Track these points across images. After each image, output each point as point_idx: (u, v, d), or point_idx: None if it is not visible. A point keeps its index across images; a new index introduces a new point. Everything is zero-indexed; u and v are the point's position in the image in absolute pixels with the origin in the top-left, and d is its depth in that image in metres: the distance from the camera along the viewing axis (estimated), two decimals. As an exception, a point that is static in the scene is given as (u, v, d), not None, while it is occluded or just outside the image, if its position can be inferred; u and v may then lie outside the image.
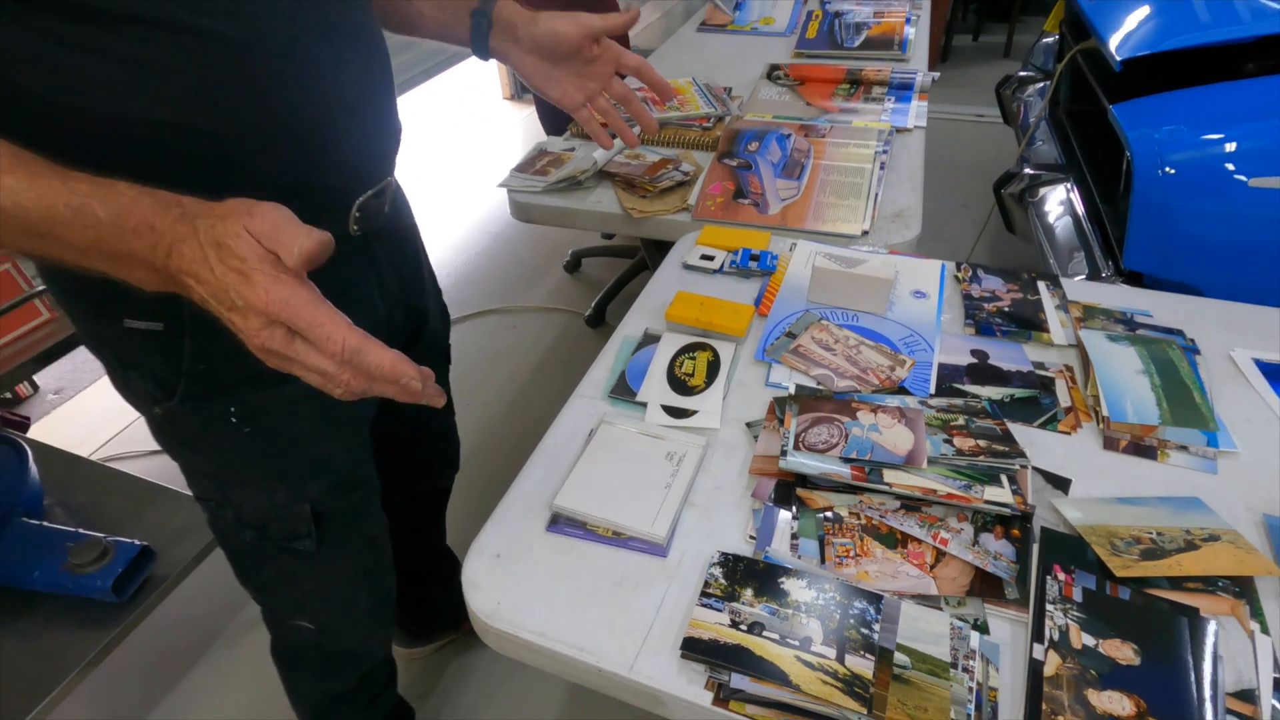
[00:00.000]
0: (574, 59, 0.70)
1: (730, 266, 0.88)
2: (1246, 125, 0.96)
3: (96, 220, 0.39)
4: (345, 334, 0.38)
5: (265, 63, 0.48)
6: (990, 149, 2.76)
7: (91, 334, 0.59)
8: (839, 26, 1.67)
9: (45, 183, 0.39)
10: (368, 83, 0.58)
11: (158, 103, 0.45)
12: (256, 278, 0.37)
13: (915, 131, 1.22)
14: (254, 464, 0.64)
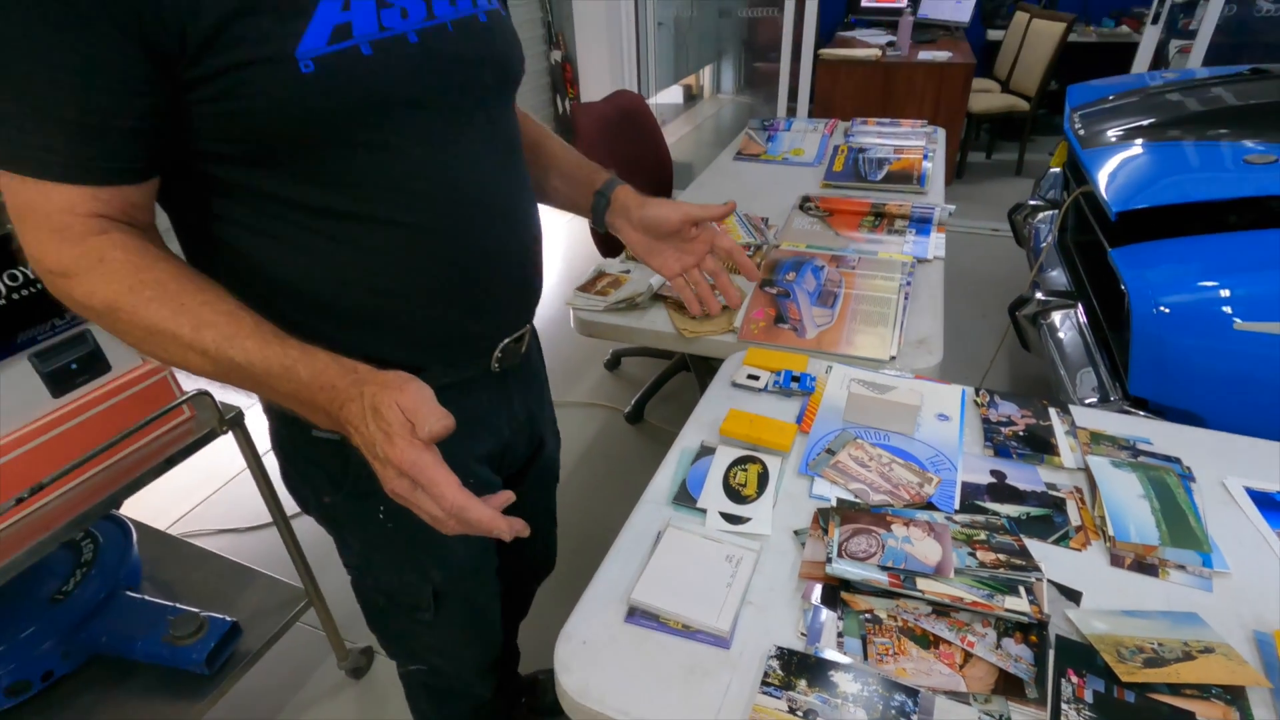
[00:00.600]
0: (675, 237, 0.85)
1: (774, 386, 1.00)
2: (1233, 275, 1.09)
3: (299, 378, 0.53)
4: (454, 494, 0.50)
5: (449, 244, 0.63)
6: (1005, 263, 2.93)
7: (284, 437, 0.73)
8: (863, 161, 1.86)
9: (271, 346, 0.52)
10: (524, 254, 0.73)
11: (367, 274, 0.60)
12: (396, 440, 0.49)
13: (935, 262, 1.37)
14: (392, 551, 0.78)
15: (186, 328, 0.51)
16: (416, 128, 0.59)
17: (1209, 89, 1.75)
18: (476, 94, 0.64)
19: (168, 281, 0.52)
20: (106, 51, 0.47)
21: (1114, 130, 1.61)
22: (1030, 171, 4.00)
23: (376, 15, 0.55)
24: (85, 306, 0.53)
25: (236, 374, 0.53)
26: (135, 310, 0.51)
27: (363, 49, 0.54)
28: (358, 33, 0.54)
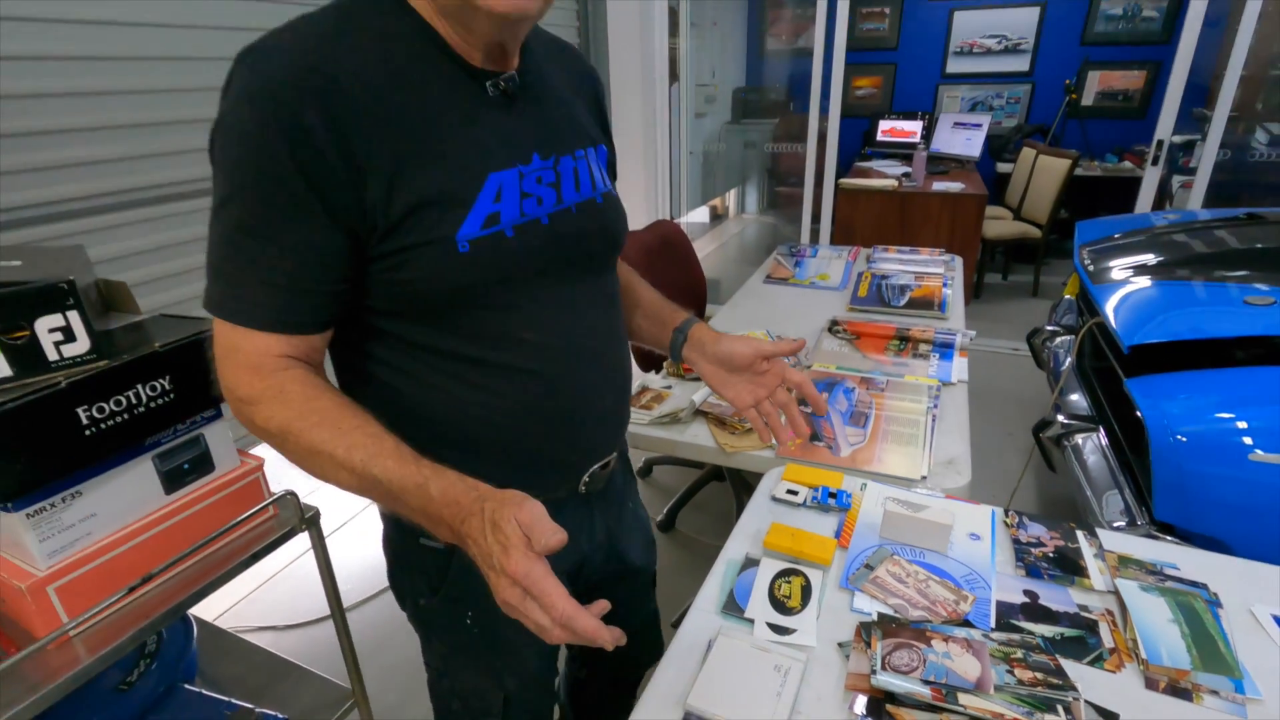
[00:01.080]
0: (747, 371, 0.94)
1: (812, 501, 1.07)
2: (1247, 407, 1.16)
3: (429, 494, 0.59)
4: (564, 604, 0.54)
5: (554, 387, 0.75)
6: (1027, 382, 3.00)
7: (395, 542, 0.83)
8: (886, 288, 2.00)
9: (407, 466, 0.61)
10: (615, 394, 0.85)
11: (483, 408, 0.72)
12: (512, 552, 0.54)
13: (959, 386, 1.46)
14: (472, 656, 0.85)
15: (340, 449, 0.61)
16: (539, 291, 0.72)
17: (1210, 231, 1.88)
18: (589, 262, 0.78)
19: (330, 410, 0.63)
20: (319, 236, 0.61)
21: (1122, 267, 1.73)
22: (1045, 293, 4.15)
23: (519, 205, 0.69)
24: (262, 429, 0.63)
25: (377, 489, 0.61)
26: (302, 434, 0.62)
27: (506, 232, 0.67)
28: (504, 220, 0.67)
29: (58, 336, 0.79)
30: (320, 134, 0.58)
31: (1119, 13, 4.55)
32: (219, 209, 0.61)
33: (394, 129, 0.62)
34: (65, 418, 0.79)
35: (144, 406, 0.86)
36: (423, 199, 0.62)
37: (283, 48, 0.60)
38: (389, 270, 0.64)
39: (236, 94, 0.59)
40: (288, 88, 0.58)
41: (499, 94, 0.69)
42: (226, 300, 0.62)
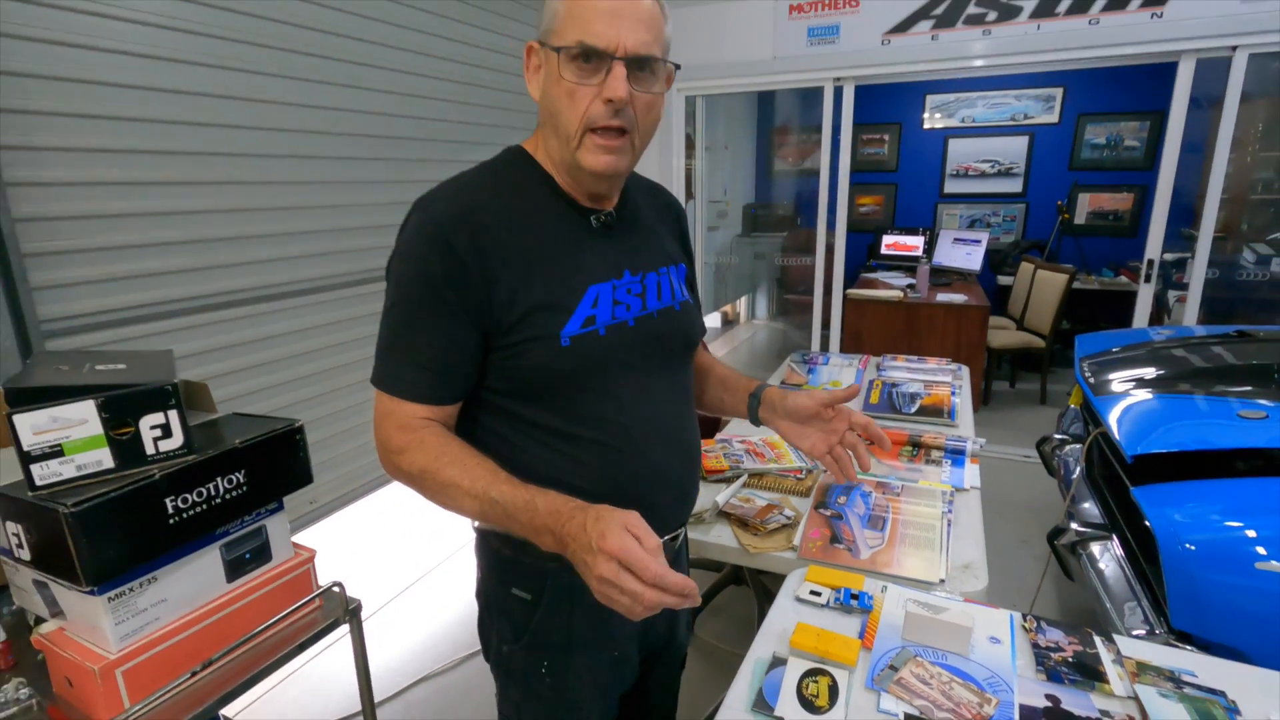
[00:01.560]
0: (816, 420, 1.08)
1: (835, 602, 1.10)
2: (1251, 517, 1.21)
3: (536, 508, 0.75)
4: (656, 566, 0.67)
5: (633, 461, 0.89)
6: (1040, 489, 3.01)
7: (489, 589, 0.97)
8: (896, 395, 2.08)
9: (518, 488, 0.77)
10: (686, 472, 0.98)
11: (570, 475, 0.86)
12: (610, 533, 0.68)
13: (971, 492, 1.51)
14: (542, 706, 0.94)
15: (466, 481, 0.78)
16: (624, 380, 0.88)
17: (1204, 347, 1.98)
18: (668, 358, 0.95)
19: (458, 453, 0.81)
20: (460, 330, 0.82)
21: (1122, 379, 1.82)
22: (1053, 401, 4.22)
23: (612, 310, 0.88)
24: (406, 472, 0.81)
25: (495, 510, 0.77)
26: (437, 472, 0.79)
27: (600, 331, 0.86)
28: (599, 321, 0.86)
29: (157, 433, 0.88)
30: (467, 256, 0.80)
31: (1102, 142, 4.89)
32: (388, 311, 0.84)
33: (519, 252, 0.83)
34: (155, 507, 0.87)
35: (220, 498, 0.94)
36: (536, 304, 0.82)
37: (446, 196, 0.84)
38: (507, 359, 0.83)
39: (411, 229, 0.83)
40: (447, 223, 0.80)
41: (600, 225, 0.90)
42: (388, 378, 0.84)
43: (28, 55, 1.42)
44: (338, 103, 2.11)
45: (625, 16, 0.78)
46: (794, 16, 3.30)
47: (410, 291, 0.82)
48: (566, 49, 0.79)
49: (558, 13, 0.82)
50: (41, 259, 1.49)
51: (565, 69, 0.80)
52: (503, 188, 0.87)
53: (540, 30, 0.85)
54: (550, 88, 0.83)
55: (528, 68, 0.87)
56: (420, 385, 0.83)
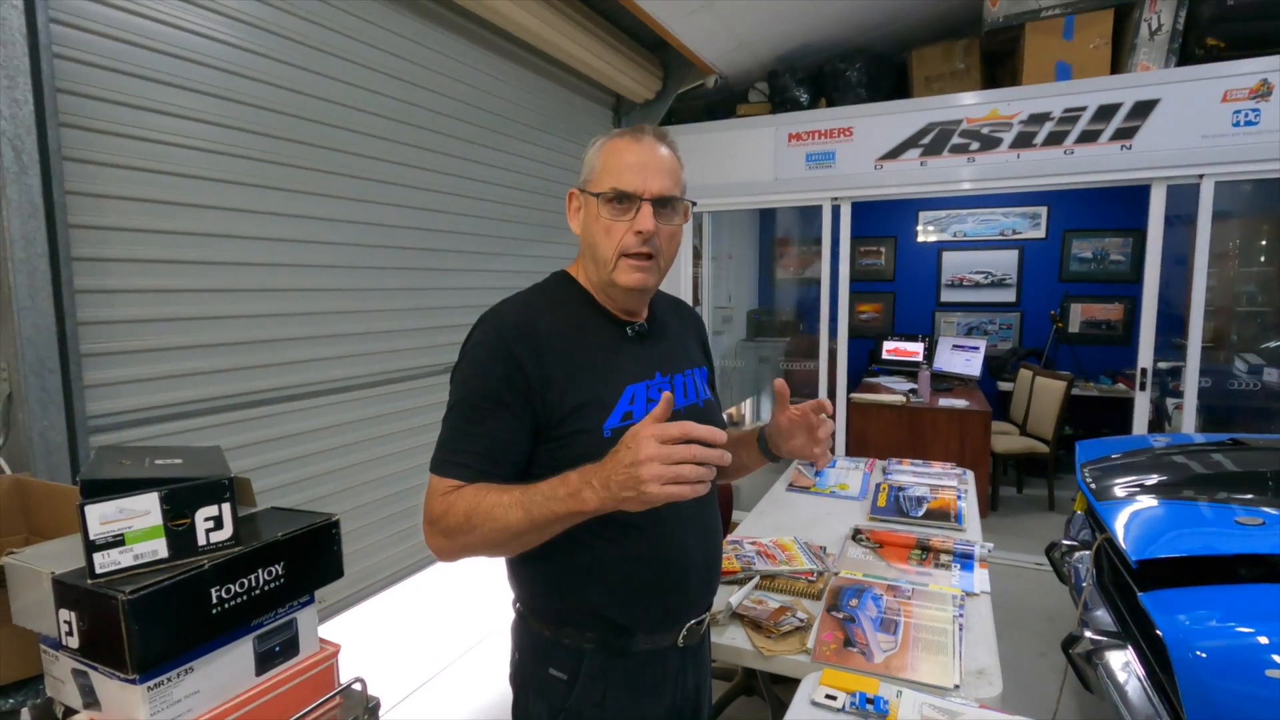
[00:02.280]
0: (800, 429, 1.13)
1: (850, 707, 1.11)
2: (1260, 623, 1.23)
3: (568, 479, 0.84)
4: (681, 424, 0.78)
5: (665, 546, 1.00)
6: (1052, 597, 2.96)
7: (525, 672, 1.04)
8: (903, 499, 2.12)
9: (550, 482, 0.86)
10: (710, 553, 1.08)
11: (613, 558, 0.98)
12: (640, 433, 0.78)
13: (982, 596, 1.52)
14: None
15: (506, 496, 0.88)
16: None
17: (1203, 454, 2.04)
18: None
19: (492, 487, 0.91)
20: (515, 423, 0.94)
21: (1124, 485, 1.87)
22: (1061, 507, 4.20)
23: (646, 407, 0.99)
24: (453, 529, 0.90)
25: (536, 500, 0.86)
26: (479, 504, 0.89)
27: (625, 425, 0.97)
28: (635, 416, 0.98)
29: (209, 524, 0.94)
30: (528, 360, 0.94)
31: (1089, 256, 5.14)
32: (451, 409, 0.96)
33: (569, 358, 0.97)
34: (202, 597, 0.91)
35: (260, 589, 0.98)
36: (582, 401, 0.95)
37: (506, 312, 0.99)
38: (555, 449, 0.95)
39: (477, 341, 0.97)
40: (510, 334, 0.95)
41: (635, 335, 1.05)
42: (444, 463, 0.95)
43: (100, 178, 1.58)
44: (368, 217, 2.29)
45: (650, 167, 0.98)
46: (793, 144, 3.59)
47: (473, 391, 0.94)
48: (604, 194, 0.99)
49: (595, 166, 1.02)
50: (96, 359, 1.59)
51: (603, 209, 0.99)
52: (553, 304, 1.02)
53: (580, 179, 1.05)
54: (590, 224, 1.01)
55: (569, 209, 1.06)
56: (470, 468, 0.93)
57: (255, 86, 1.86)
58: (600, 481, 0.81)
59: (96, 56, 1.55)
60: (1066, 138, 3.08)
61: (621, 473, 0.79)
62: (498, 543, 0.91)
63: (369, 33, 2.23)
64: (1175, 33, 2.95)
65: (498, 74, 2.89)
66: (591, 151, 1.05)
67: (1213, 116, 2.84)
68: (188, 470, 1.00)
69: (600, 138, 1.04)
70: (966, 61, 3.44)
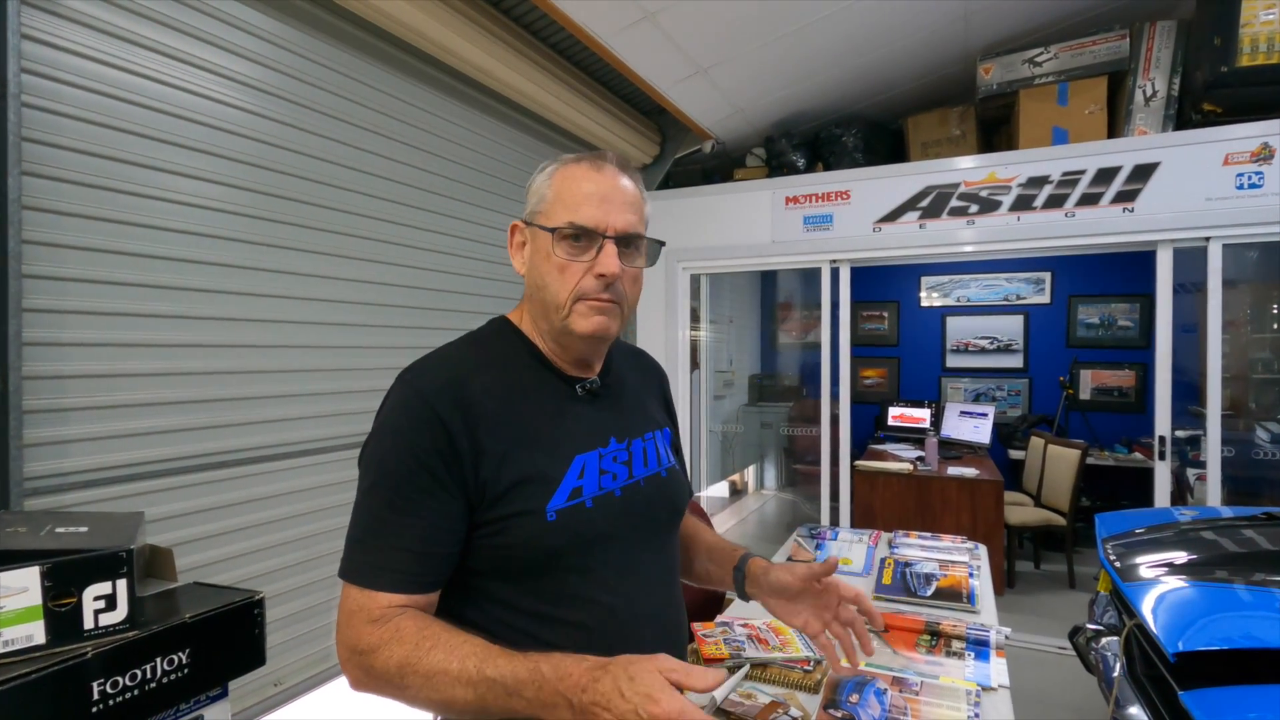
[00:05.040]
0: (806, 595, 0.99)
1: (849, 831, 0.95)
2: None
3: (543, 676, 0.67)
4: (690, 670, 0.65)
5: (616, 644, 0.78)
6: (1081, 687, 2.73)
7: None
8: (910, 576, 1.95)
9: (516, 659, 0.70)
10: (672, 647, 0.88)
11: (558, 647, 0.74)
12: (661, 697, 0.61)
13: (1001, 692, 1.35)
14: None
15: (455, 663, 0.70)
16: (610, 555, 0.85)
17: (1235, 530, 1.88)
18: (654, 527, 0.91)
19: (441, 634, 0.73)
20: (447, 505, 0.77)
21: (1151, 564, 1.71)
22: (1082, 585, 3.96)
23: (599, 480, 0.84)
24: (380, 673, 0.72)
25: (493, 691, 0.69)
26: (419, 661, 0.71)
27: (586, 504, 0.83)
28: (585, 493, 0.83)
29: (100, 604, 0.82)
30: (456, 427, 0.78)
31: (1096, 321, 5.05)
32: (365, 494, 0.78)
33: (506, 424, 0.81)
34: (79, 692, 0.78)
35: (156, 682, 0.85)
36: (522, 476, 0.80)
37: (430, 368, 0.83)
38: (490, 535, 0.79)
39: (394, 404, 0.81)
40: (434, 395, 0.79)
41: (585, 393, 0.90)
42: (363, 568, 0.76)
43: (63, 227, 1.53)
44: (354, 274, 2.24)
45: (613, 200, 0.85)
46: (790, 207, 3.57)
47: (393, 468, 0.77)
48: (559, 229, 0.83)
49: (545, 196, 0.86)
50: (40, 415, 1.50)
51: (557, 247, 0.84)
52: (487, 358, 0.87)
53: (526, 211, 0.90)
54: (540, 263, 0.86)
55: (511, 244, 0.91)
56: (401, 572, 0.76)
57: (226, 139, 1.84)
58: (579, 711, 0.65)
59: (67, 106, 1.52)
60: (1067, 200, 3.05)
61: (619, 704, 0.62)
62: (430, 712, 0.76)
63: (355, 90, 2.23)
64: (1171, 99, 2.95)
65: (493, 136, 2.90)
66: (540, 178, 0.89)
67: (1216, 179, 2.80)
68: (92, 540, 0.89)
69: (550, 163, 0.89)
70: (963, 128, 3.46)
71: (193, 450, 1.77)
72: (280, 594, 1.97)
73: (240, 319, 1.88)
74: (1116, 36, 3.01)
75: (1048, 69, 3.13)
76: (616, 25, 2.57)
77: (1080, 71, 3.08)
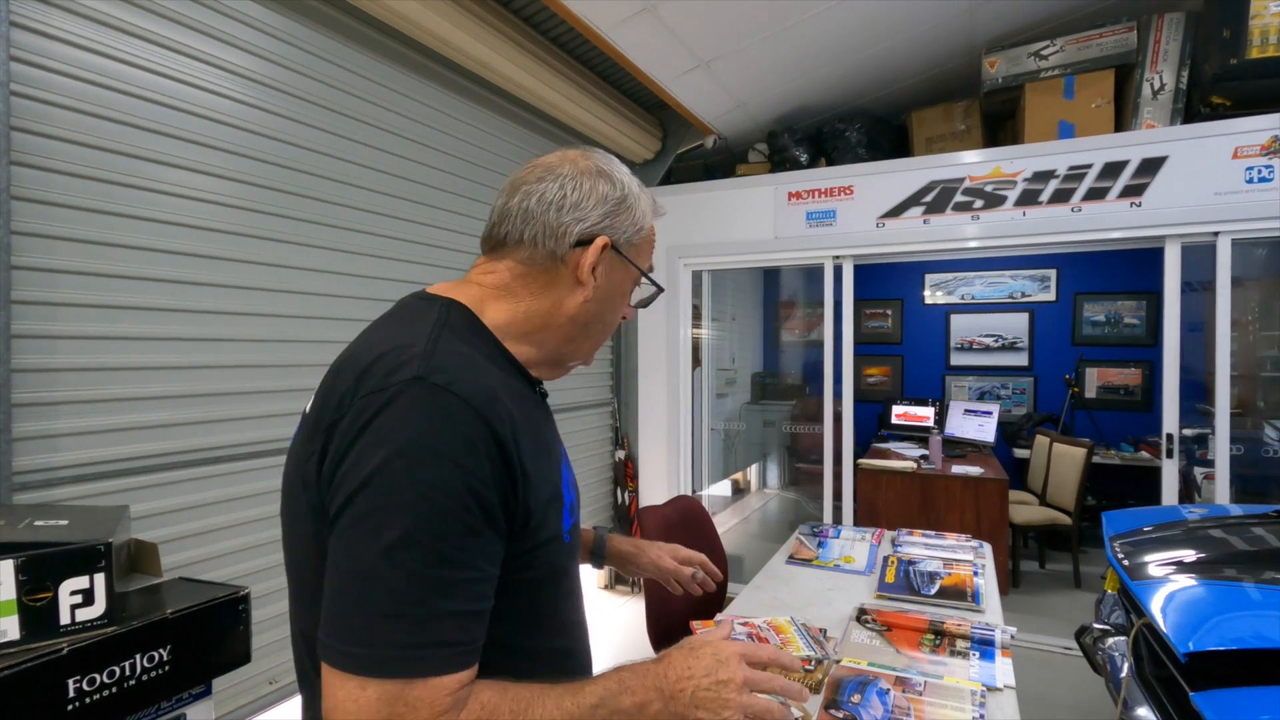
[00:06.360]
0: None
1: (851, 835, 0.92)
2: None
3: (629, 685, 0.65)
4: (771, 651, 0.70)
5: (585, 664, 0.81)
6: (1088, 688, 2.69)
7: None
8: (914, 574, 1.92)
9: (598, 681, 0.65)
10: None
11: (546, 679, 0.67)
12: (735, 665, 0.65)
13: (1006, 692, 1.32)
14: None
15: (556, 712, 0.61)
16: (574, 576, 0.80)
17: (1245, 528, 1.84)
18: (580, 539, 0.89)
19: (518, 691, 0.62)
20: (494, 546, 0.62)
21: (1160, 563, 1.67)
22: (1088, 584, 3.92)
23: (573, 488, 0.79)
24: None
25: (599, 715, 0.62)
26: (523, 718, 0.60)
27: (577, 518, 0.78)
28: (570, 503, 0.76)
29: (77, 599, 0.80)
30: (510, 446, 0.63)
31: (1102, 319, 5.01)
32: (398, 548, 0.56)
33: (527, 435, 0.66)
34: (53, 690, 0.75)
35: (135, 680, 0.83)
36: (549, 495, 0.70)
37: (458, 367, 0.64)
38: (517, 571, 0.66)
39: (426, 416, 0.59)
40: (486, 404, 0.62)
41: (542, 397, 0.83)
42: (410, 652, 0.56)
43: (54, 218, 1.51)
44: (352, 269, 2.21)
45: None
46: (793, 202, 3.54)
47: (440, 507, 0.58)
48: (658, 284, 0.83)
49: (644, 230, 0.79)
50: (30, 409, 1.47)
51: (635, 291, 0.81)
52: (483, 352, 0.71)
53: (623, 234, 0.77)
54: (615, 298, 0.79)
55: (591, 257, 0.75)
56: (466, 645, 0.59)
57: (219, 129, 1.81)
58: (665, 692, 0.63)
59: (57, 95, 1.50)
60: (1073, 195, 3.01)
61: (705, 690, 0.63)
62: None
63: (351, 82, 2.20)
64: (1179, 92, 2.91)
65: (496, 131, 2.88)
66: (644, 204, 0.79)
67: (1225, 173, 2.76)
68: (70, 534, 0.87)
69: (638, 182, 0.80)
70: (967, 123, 3.42)
71: (186, 445, 1.75)
72: (276, 590, 1.95)
73: (234, 312, 1.86)
74: (1124, 29, 2.97)
75: (1054, 62, 3.09)
76: (616, 17, 2.54)
77: (1087, 64, 3.04)
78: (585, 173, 0.75)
